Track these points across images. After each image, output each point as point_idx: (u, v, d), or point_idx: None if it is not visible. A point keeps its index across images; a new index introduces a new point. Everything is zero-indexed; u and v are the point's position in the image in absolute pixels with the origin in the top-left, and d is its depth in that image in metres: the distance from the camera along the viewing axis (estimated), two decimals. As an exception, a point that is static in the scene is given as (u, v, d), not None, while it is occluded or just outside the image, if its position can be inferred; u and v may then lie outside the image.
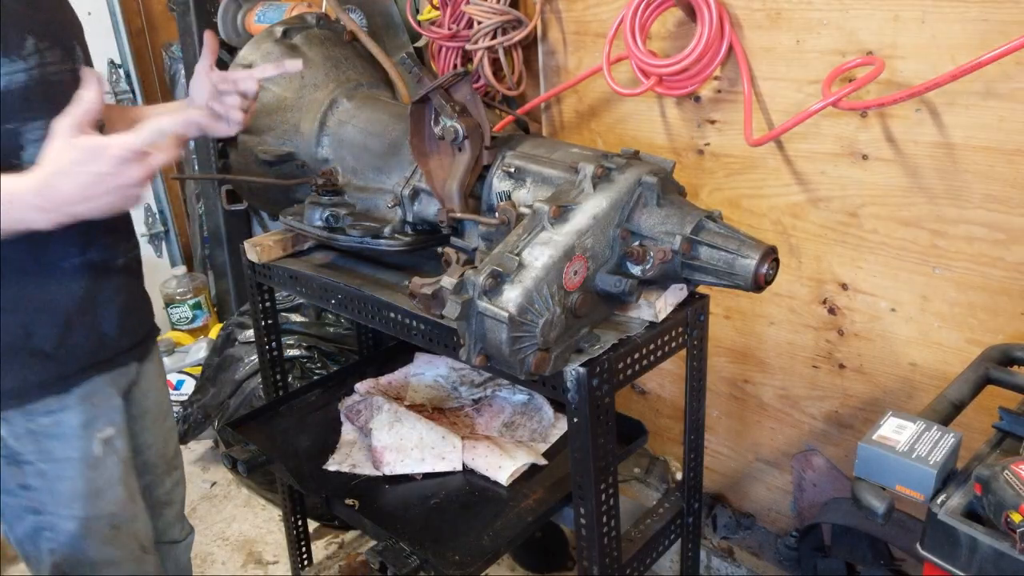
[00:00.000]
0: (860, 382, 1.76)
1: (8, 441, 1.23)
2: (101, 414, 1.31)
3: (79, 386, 1.28)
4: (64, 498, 1.28)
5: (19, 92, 1.11)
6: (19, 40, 1.10)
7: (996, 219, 1.45)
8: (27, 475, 1.25)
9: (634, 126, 1.96)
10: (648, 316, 1.36)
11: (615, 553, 1.41)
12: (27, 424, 1.23)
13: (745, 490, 2.12)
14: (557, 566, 2.29)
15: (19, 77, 1.10)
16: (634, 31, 1.70)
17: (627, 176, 1.28)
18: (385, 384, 1.96)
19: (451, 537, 1.47)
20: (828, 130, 1.62)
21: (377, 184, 1.62)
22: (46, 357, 1.24)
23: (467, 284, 1.15)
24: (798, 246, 1.76)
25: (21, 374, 1.23)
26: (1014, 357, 1.30)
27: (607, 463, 1.32)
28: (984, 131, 1.41)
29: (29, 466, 1.25)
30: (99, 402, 1.31)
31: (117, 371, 1.36)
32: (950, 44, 1.41)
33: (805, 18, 1.58)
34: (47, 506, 1.27)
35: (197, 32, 2.72)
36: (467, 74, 1.43)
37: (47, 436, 1.25)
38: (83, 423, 1.28)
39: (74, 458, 1.27)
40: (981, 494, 0.99)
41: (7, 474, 1.24)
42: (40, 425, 1.24)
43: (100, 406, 1.31)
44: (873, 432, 1.10)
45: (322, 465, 1.70)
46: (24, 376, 1.23)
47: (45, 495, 1.27)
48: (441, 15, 2.05)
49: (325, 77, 1.77)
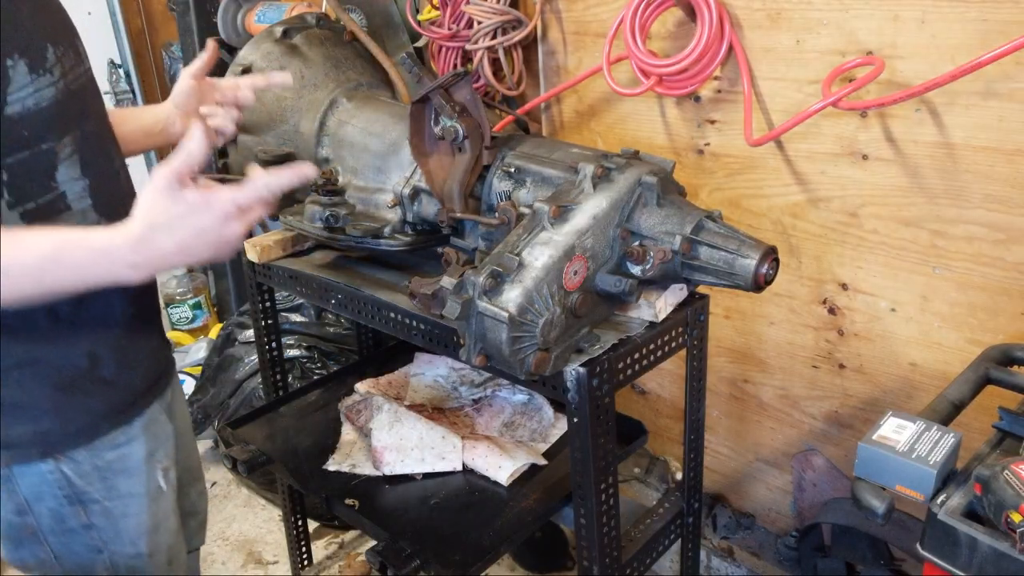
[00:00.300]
0: (860, 382, 1.76)
1: (74, 480, 1.13)
2: (160, 444, 1.23)
3: (141, 415, 1.19)
4: (129, 535, 1.20)
5: (49, 108, 1.02)
6: (41, 51, 1.01)
7: (996, 219, 1.45)
8: (92, 514, 1.16)
9: (634, 126, 1.96)
10: (648, 316, 1.36)
11: (615, 553, 1.41)
12: (93, 460, 1.14)
13: (745, 490, 2.12)
14: (557, 566, 2.29)
15: (48, 92, 1.02)
16: (634, 31, 1.70)
17: (627, 176, 1.28)
18: (385, 384, 1.96)
19: (451, 537, 1.47)
20: (828, 130, 1.62)
21: (377, 184, 1.62)
22: (108, 385, 1.15)
23: (467, 284, 1.15)
24: (798, 246, 1.76)
25: (87, 406, 1.13)
26: (1014, 357, 1.30)
27: (607, 463, 1.32)
28: (984, 131, 1.41)
29: (95, 505, 1.16)
30: (157, 431, 1.23)
31: (165, 393, 1.28)
32: (950, 44, 1.41)
33: (805, 18, 1.58)
34: (109, 544, 1.19)
35: (197, 32, 2.72)
36: (467, 74, 1.43)
37: (113, 472, 1.16)
38: (146, 455, 1.20)
39: (139, 493, 1.20)
40: (981, 494, 0.99)
41: (69, 513, 1.14)
42: (105, 460, 1.15)
43: (159, 435, 1.23)
44: (873, 432, 1.10)
45: (322, 465, 1.70)
46: (90, 408, 1.13)
47: (109, 533, 1.18)
48: (441, 15, 2.05)
49: (325, 77, 1.77)
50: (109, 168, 1.15)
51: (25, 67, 0.98)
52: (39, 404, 1.09)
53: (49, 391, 1.10)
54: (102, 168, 1.12)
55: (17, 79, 0.97)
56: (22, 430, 1.09)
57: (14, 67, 0.97)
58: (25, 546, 1.16)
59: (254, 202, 1.04)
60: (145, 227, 0.98)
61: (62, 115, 1.04)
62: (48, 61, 1.01)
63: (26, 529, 1.14)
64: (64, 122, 1.05)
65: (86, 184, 1.08)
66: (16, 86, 0.97)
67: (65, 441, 1.12)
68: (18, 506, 1.13)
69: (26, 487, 1.12)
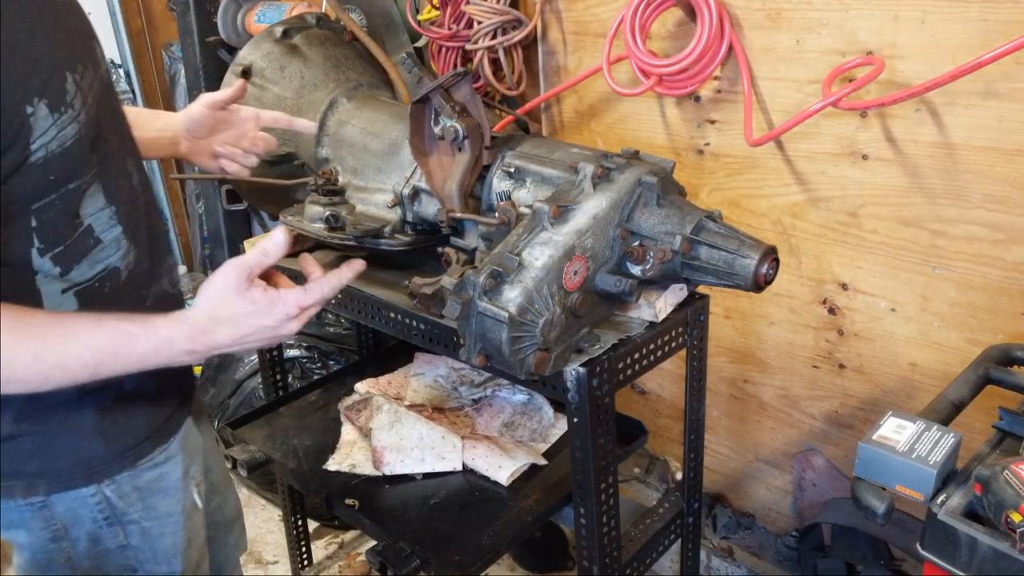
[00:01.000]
0: (860, 382, 1.76)
1: (115, 502, 1.11)
2: (193, 459, 1.22)
3: (177, 432, 1.17)
4: (164, 555, 1.18)
5: (73, 145, 0.95)
6: (61, 85, 0.93)
7: (996, 219, 1.45)
8: (130, 535, 1.14)
9: (634, 126, 1.96)
10: (648, 316, 1.36)
11: (615, 553, 1.41)
12: (134, 481, 1.12)
13: (745, 490, 2.12)
14: (557, 566, 2.29)
15: (70, 130, 0.94)
16: (634, 31, 1.70)
17: (627, 176, 1.28)
18: (385, 384, 1.96)
19: (451, 537, 1.47)
20: (828, 130, 1.62)
21: (377, 184, 1.62)
22: (150, 402, 1.12)
23: (467, 284, 1.15)
24: (798, 246, 1.76)
25: (130, 427, 1.10)
26: (1014, 357, 1.30)
27: (607, 463, 1.32)
28: (984, 131, 1.41)
29: (133, 525, 1.14)
30: (191, 446, 1.21)
31: (196, 406, 1.25)
32: (950, 44, 1.41)
33: (805, 18, 1.58)
34: (144, 564, 1.17)
35: (197, 32, 2.72)
36: (467, 74, 1.43)
37: (151, 492, 1.14)
38: (183, 473, 1.18)
39: (176, 512, 1.18)
40: (981, 494, 0.99)
41: (108, 535, 1.12)
42: (145, 481, 1.13)
43: (192, 451, 1.21)
44: (873, 432, 1.10)
45: (322, 465, 1.70)
46: (133, 429, 1.11)
47: (145, 553, 1.16)
48: (441, 15, 2.05)
49: (325, 77, 1.77)
50: (128, 186, 1.10)
51: (46, 109, 0.91)
52: (84, 429, 1.07)
53: (93, 415, 1.07)
54: (123, 189, 1.08)
55: (39, 125, 0.90)
56: (68, 458, 1.07)
57: (35, 113, 0.89)
58: (53, 572, 1.13)
59: (316, 305, 1.06)
60: (208, 320, 0.98)
61: (85, 148, 0.98)
62: (68, 94, 0.94)
63: (61, 555, 1.12)
64: (87, 156, 0.99)
65: (112, 211, 1.04)
66: (38, 132, 0.91)
67: (109, 465, 1.10)
68: (54, 533, 1.10)
69: (63, 512, 1.09)
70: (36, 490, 1.07)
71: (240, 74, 1.73)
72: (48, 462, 1.06)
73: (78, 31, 1.00)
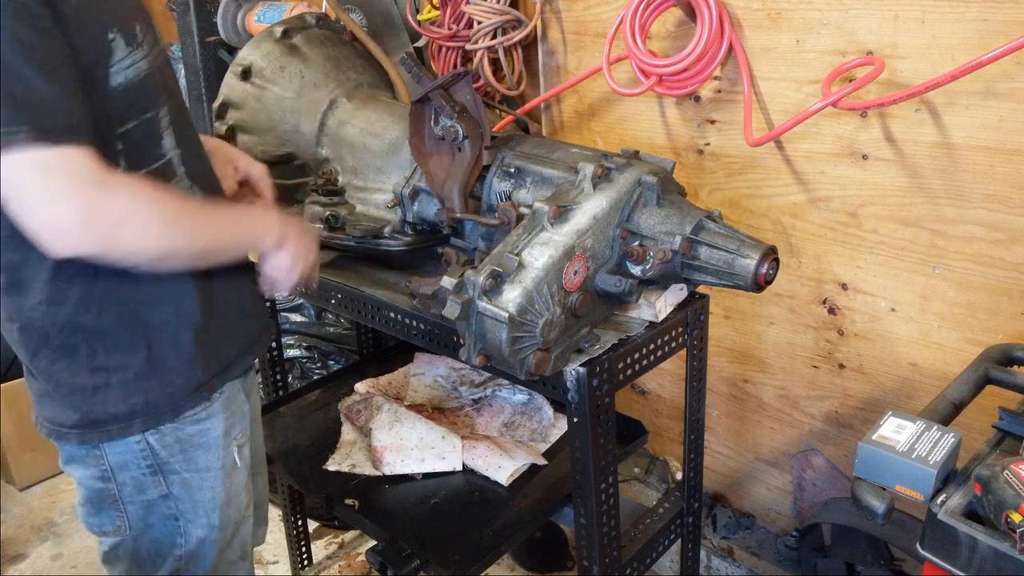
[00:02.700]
0: (860, 382, 1.76)
1: (158, 451, 1.19)
2: (236, 422, 1.29)
3: (222, 392, 1.24)
4: (203, 507, 1.25)
5: (146, 80, 1.09)
6: (132, 27, 1.08)
7: (996, 219, 1.45)
8: (172, 484, 1.22)
9: (634, 126, 1.96)
10: (648, 316, 1.36)
11: (615, 553, 1.41)
12: (176, 433, 1.20)
13: (745, 490, 2.12)
14: (557, 566, 2.29)
15: (143, 65, 1.08)
16: (634, 31, 1.70)
17: (627, 176, 1.28)
18: (385, 384, 1.96)
19: (451, 537, 1.47)
20: (828, 130, 1.62)
21: (377, 184, 1.62)
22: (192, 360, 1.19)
23: (467, 284, 1.15)
24: (798, 246, 1.76)
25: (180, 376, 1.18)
26: (1014, 357, 1.30)
27: (607, 463, 1.32)
28: (984, 131, 1.41)
29: (174, 475, 1.22)
30: (235, 409, 1.28)
31: (249, 372, 1.33)
32: (950, 44, 1.41)
33: (805, 18, 1.58)
34: (186, 514, 1.25)
35: (197, 32, 2.72)
36: (467, 74, 1.43)
37: (193, 446, 1.22)
38: (224, 431, 1.25)
39: (215, 467, 1.25)
40: (981, 494, 0.99)
41: (151, 483, 1.21)
42: (187, 434, 1.21)
43: (235, 413, 1.28)
44: (873, 432, 1.10)
45: (322, 465, 1.70)
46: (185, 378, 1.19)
47: (186, 504, 1.24)
48: (441, 15, 2.05)
49: (325, 77, 1.77)
50: (195, 138, 1.24)
51: (123, 40, 1.05)
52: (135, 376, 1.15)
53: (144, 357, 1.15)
54: (190, 139, 1.21)
55: (118, 52, 1.05)
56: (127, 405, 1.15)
57: (115, 40, 1.04)
58: (105, 512, 1.23)
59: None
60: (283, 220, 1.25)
61: (156, 87, 1.12)
62: (137, 37, 1.08)
63: (108, 496, 1.21)
64: (158, 94, 1.12)
65: (180, 153, 1.17)
66: (117, 57, 1.05)
67: (160, 414, 1.18)
68: (103, 473, 1.19)
69: (112, 456, 1.18)
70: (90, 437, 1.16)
71: (240, 74, 1.73)
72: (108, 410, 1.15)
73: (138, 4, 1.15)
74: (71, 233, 0.97)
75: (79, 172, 0.96)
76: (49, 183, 0.95)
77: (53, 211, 0.96)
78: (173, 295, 1.15)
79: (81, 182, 0.96)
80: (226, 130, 1.73)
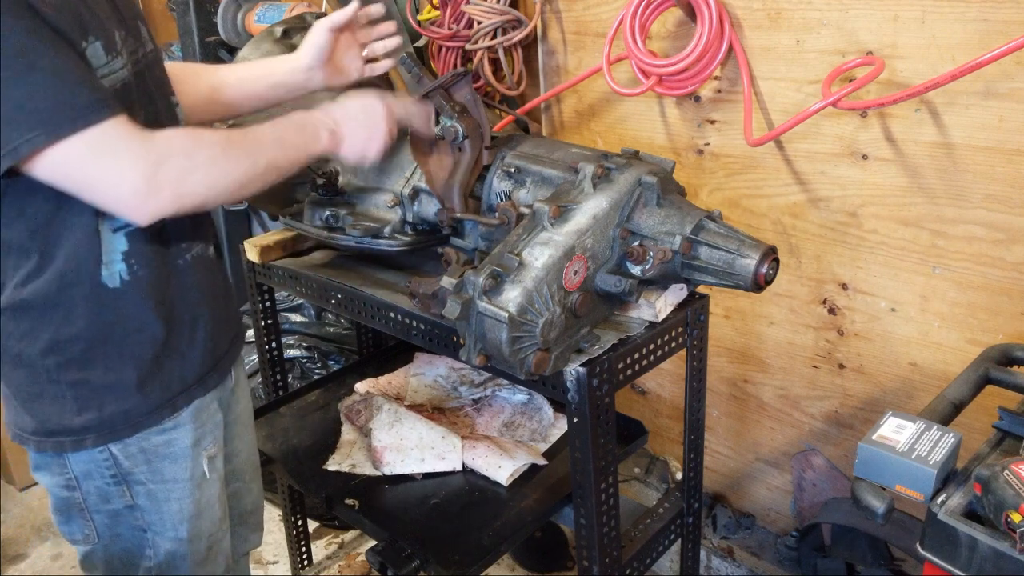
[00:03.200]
0: (860, 382, 1.76)
1: (120, 460, 1.17)
2: (207, 432, 1.26)
3: (190, 404, 1.22)
4: (171, 519, 1.23)
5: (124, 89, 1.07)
6: (112, 34, 1.06)
7: (996, 219, 1.45)
8: (136, 495, 1.20)
9: (634, 126, 1.96)
10: (648, 316, 1.36)
11: (615, 553, 1.41)
12: (140, 443, 1.18)
13: (745, 490, 2.12)
14: (557, 566, 2.29)
15: (121, 74, 1.07)
16: (634, 31, 1.70)
17: (627, 176, 1.28)
18: (385, 384, 1.96)
19: (451, 537, 1.47)
20: (828, 130, 1.62)
21: (377, 184, 1.62)
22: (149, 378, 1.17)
23: (467, 284, 1.15)
24: (798, 246, 1.76)
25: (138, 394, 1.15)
26: (1014, 357, 1.30)
27: (607, 463, 1.32)
28: (984, 131, 1.41)
29: (139, 486, 1.20)
30: (206, 419, 1.25)
31: (222, 384, 1.30)
32: (950, 44, 1.41)
33: (805, 18, 1.58)
34: (153, 526, 1.23)
35: (197, 32, 2.72)
36: (467, 74, 1.43)
37: (159, 456, 1.20)
38: (193, 442, 1.23)
39: (183, 479, 1.23)
40: (981, 494, 0.99)
41: (115, 493, 1.19)
42: (152, 444, 1.19)
43: (206, 423, 1.26)
44: (873, 432, 1.10)
45: (322, 465, 1.70)
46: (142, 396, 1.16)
47: (152, 515, 1.22)
48: (441, 15, 2.05)
49: (325, 77, 1.76)
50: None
51: (102, 49, 1.03)
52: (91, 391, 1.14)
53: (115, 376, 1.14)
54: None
55: (97, 58, 1.03)
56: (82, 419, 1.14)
57: (93, 46, 1.02)
58: (74, 521, 1.22)
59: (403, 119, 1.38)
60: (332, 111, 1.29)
61: (135, 95, 1.10)
62: (117, 44, 1.07)
63: (75, 504, 1.20)
64: (139, 100, 1.11)
65: None
66: (96, 64, 1.03)
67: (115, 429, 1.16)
68: (68, 481, 1.18)
69: (76, 464, 1.17)
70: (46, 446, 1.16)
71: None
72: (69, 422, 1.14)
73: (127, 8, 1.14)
74: (143, 200, 1.00)
75: (124, 141, 0.98)
76: (102, 164, 0.97)
77: (118, 189, 0.99)
78: (135, 312, 1.13)
79: (130, 151, 0.98)
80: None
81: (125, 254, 1.10)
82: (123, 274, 1.10)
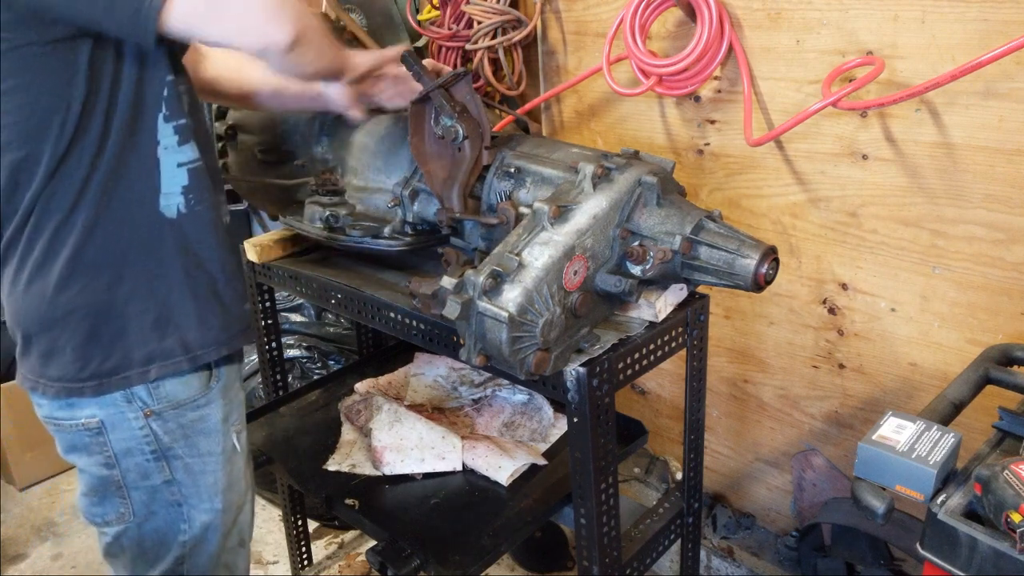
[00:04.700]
0: (860, 382, 1.76)
1: (160, 436, 1.23)
2: (234, 408, 1.33)
3: (220, 380, 1.28)
4: (206, 492, 1.29)
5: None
6: None
7: (996, 219, 1.45)
8: (175, 470, 1.26)
9: (634, 126, 1.96)
10: (648, 316, 1.36)
11: (615, 553, 1.41)
12: (178, 419, 1.24)
13: (745, 490, 2.12)
14: (557, 566, 2.29)
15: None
16: (634, 31, 1.70)
17: (627, 176, 1.28)
18: (385, 384, 1.96)
19: (451, 537, 1.47)
20: (828, 130, 1.62)
21: (377, 184, 1.62)
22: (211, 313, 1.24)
23: (467, 284, 1.15)
24: (798, 246, 1.76)
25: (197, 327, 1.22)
26: (1014, 357, 1.30)
27: (607, 463, 1.32)
28: (984, 131, 1.41)
29: (177, 461, 1.25)
30: (232, 397, 1.32)
31: (240, 362, 1.36)
32: (950, 44, 1.41)
33: (805, 18, 1.58)
34: (189, 499, 1.28)
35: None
36: (467, 74, 1.43)
37: (195, 431, 1.26)
38: (223, 417, 1.30)
39: (216, 452, 1.29)
40: (981, 494, 0.99)
41: (154, 468, 1.24)
42: (189, 419, 1.25)
43: (233, 400, 1.32)
44: (873, 432, 1.10)
45: (322, 465, 1.70)
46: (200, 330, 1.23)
47: (189, 489, 1.28)
48: (441, 15, 2.05)
49: (325, 77, 1.76)
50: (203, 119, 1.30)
51: None
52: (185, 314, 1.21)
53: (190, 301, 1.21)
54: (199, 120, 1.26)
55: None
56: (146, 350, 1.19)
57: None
58: (108, 501, 1.26)
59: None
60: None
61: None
62: None
63: (112, 483, 1.24)
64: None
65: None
66: None
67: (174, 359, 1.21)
68: (107, 460, 1.22)
69: (117, 442, 1.21)
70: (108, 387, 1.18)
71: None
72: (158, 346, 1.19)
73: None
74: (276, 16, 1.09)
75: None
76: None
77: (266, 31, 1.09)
78: (200, 248, 1.20)
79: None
80: (226, 129, 1.73)
81: (185, 188, 1.17)
82: (180, 207, 1.17)
